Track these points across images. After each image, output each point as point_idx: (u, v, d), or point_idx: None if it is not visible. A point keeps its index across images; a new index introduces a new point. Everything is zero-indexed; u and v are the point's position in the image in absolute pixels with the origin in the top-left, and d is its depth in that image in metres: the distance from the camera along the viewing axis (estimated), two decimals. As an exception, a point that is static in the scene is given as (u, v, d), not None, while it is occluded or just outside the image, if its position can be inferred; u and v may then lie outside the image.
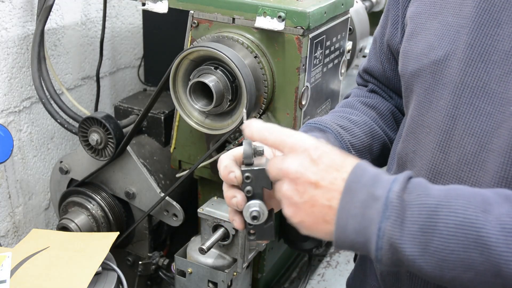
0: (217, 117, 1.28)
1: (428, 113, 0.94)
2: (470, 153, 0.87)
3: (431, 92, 0.94)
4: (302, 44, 1.22)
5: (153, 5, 1.34)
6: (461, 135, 0.88)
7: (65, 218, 1.48)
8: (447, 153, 0.91)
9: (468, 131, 0.87)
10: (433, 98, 0.93)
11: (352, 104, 1.19)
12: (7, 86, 1.53)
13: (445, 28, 0.93)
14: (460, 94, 0.88)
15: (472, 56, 0.87)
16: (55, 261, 1.21)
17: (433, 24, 0.95)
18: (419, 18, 0.99)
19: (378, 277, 1.10)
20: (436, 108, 0.92)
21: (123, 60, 1.99)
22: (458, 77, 0.89)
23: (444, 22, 0.93)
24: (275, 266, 1.71)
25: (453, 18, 0.92)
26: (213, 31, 1.29)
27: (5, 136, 1.34)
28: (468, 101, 0.88)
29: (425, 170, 0.95)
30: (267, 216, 0.82)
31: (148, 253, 1.57)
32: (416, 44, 0.98)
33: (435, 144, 0.92)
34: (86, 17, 1.77)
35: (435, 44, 0.93)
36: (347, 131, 1.10)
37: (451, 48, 0.90)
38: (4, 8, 1.47)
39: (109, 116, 1.41)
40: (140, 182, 1.47)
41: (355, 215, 0.72)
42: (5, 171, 1.58)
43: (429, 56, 0.94)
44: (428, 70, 0.94)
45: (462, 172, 0.89)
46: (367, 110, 1.18)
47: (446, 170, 0.91)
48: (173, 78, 1.26)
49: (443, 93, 0.91)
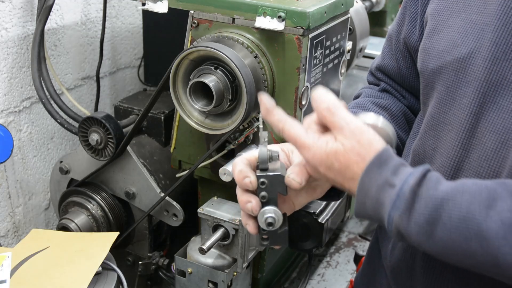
0: (217, 117, 1.28)
1: (450, 111, 0.95)
2: (491, 150, 0.88)
3: (454, 89, 0.94)
4: (302, 44, 1.22)
5: (153, 5, 1.34)
6: (484, 132, 0.89)
7: (65, 218, 1.48)
8: (469, 150, 0.92)
9: (491, 128, 0.88)
10: (456, 95, 0.93)
11: (364, 105, 1.18)
12: (7, 86, 1.53)
13: (469, 26, 0.93)
14: (485, 92, 0.89)
15: (497, 54, 0.87)
16: (55, 261, 1.21)
17: (456, 21, 0.95)
18: (441, 15, 0.98)
19: (388, 275, 1.10)
20: (459, 105, 0.93)
21: (123, 60, 1.99)
22: (482, 75, 0.89)
23: (468, 20, 0.93)
24: (275, 266, 1.71)
25: (477, 16, 0.92)
26: (213, 31, 1.29)
27: (5, 136, 1.34)
28: (492, 99, 0.88)
29: (446, 167, 0.95)
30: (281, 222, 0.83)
31: (148, 253, 1.57)
32: (438, 42, 0.98)
33: (457, 142, 0.93)
34: (86, 17, 1.77)
35: (458, 41, 0.93)
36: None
37: (475, 46, 0.91)
38: (4, 8, 1.47)
39: (109, 116, 1.41)
40: (140, 182, 1.47)
41: (371, 196, 0.78)
42: (5, 171, 1.58)
43: (452, 53, 0.94)
44: (451, 67, 0.94)
45: (482, 168, 0.90)
46: (378, 111, 1.17)
47: (467, 166, 0.92)
48: (173, 78, 1.26)
49: (466, 90, 0.91)
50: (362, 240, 2.11)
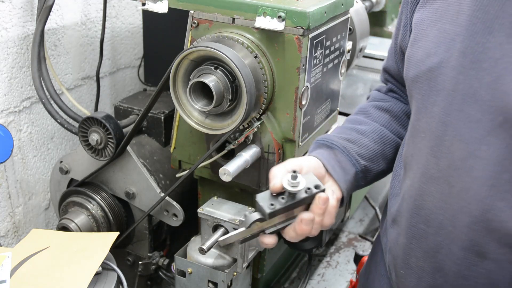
0: (217, 117, 1.28)
1: (423, 119, 0.96)
2: (459, 159, 0.89)
3: (426, 98, 0.95)
4: (302, 44, 1.22)
5: (153, 5, 1.34)
6: (451, 141, 0.90)
7: (65, 218, 1.48)
8: (438, 158, 0.93)
9: (458, 137, 0.89)
10: (428, 104, 0.95)
11: (366, 110, 1.23)
12: (7, 86, 1.53)
13: (442, 36, 0.94)
14: (452, 101, 0.90)
15: (464, 64, 0.88)
16: (55, 261, 1.21)
17: (432, 31, 0.96)
18: (422, 24, 1.00)
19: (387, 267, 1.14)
20: (430, 114, 0.94)
21: (123, 60, 1.99)
22: (450, 84, 0.90)
23: (442, 30, 0.94)
24: (275, 266, 1.71)
25: (450, 26, 0.93)
26: (213, 31, 1.29)
27: (5, 136, 1.34)
28: (458, 108, 0.89)
29: (419, 174, 0.97)
30: None
31: (148, 253, 1.57)
32: (416, 51, 0.99)
33: (428, 149, 0.94)
34: (86, 17, 1.77)
35: (432, 51, 0.95)
36: (355, 144, 1.14)
37: (445, 56, 0.92)
38: (4, 8, 1.47)
39: (109, 116, 1.41)
40: (140, 182, 1.47)
41: None
42: (5, 171, 1.58)
43: (426, 63, 0.95)
44: (424, 76, 0.96)
45: (452, 177, 0.90)
46: (380, 115, 1.20)
47: (437, 175, 0.93)
48: (173, 78, 1.26)
49: (436, 99, 0.93)
50: (362, 240, 2.11)
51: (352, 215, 2.21)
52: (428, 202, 0.96)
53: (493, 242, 0.87)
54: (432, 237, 0.96)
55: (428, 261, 0.97)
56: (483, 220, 0.87)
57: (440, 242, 0.94)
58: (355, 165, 1.11)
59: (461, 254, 0.91)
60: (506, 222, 0.84)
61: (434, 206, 0.94)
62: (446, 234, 0.93)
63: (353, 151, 1.12)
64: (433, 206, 0.94)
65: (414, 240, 0.99)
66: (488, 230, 0.87)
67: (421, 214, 0.97)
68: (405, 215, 1.02)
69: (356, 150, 1.13)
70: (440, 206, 0.93)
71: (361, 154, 1.13)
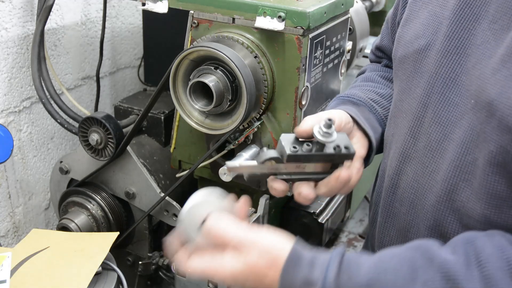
0: (217, 117, 1.28)
1: (406, 100, 0.98)
2: (435, 141, 0.90)
3: (411, 79, 0.97)
4: (302, 44, 1.22)
5: (153, 5, 1.34)
6: (430, 123, 0.91)
7: (65, 218, 1.48)
8: (416, 139, 0.94)
9: (436, 119, 0.90)
10: (412, 85, 0.96)
11: (373, 78, 1.21)
12: (7, 86, 1.53)
13: (431, 18, 0.95)
14: (433, 83, 0.91)
15: (448, 48, 0.89)
16: (55, 261, 1.21)
17: (423, 13, 0.98)
18: (415, 5, 1.01)
19: None
20: (413, 95, 0.96)
21: (123, 60, 1.99)
22: (433, 67, 0.91)
23: (432, 12, 0.96)
24: (275, 266, 1.71)
25: (439, 9, 0.94)
26: (213, 31, 1.29)
27: (5, 136, 1.34)
28: (439, 91, 0.90)
29: (397, 153, 0.99)
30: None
31: (148, 253, 1.57)
32: (406, 31, 1.01)
33: (407, 130, 0.96)
34: (86, 17, 1.77)
35: (420, 33, 0.96)
36: (378, 104, 1.12)
37: (432, 39, 0.93)
38: (4, 8, 1.47)
39: (109, 116, 1.41)
40: (140, 182, 1.47)
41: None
42: (5, 171, 1.58)
43: (414, 44, 0.97)
44: (411, 58, 0.97)
45: (426, 158, 0.92)
46: (388, 84, 1.20)
47: (414, 155, 0.95)
48: (173, 78, 1.26)
49: (420, 81, 0.94)
50: (362, 240, 2.11)
51: (352, 215, 2.21)
52: (403, 181, 0.97)
53: (454, 222, 0.88)
54: (403, 216, 0.97)
55: (400, 240, 0.99)
56: (447, 200, 0.88)
57: (410, 221, 0.96)
58: (381, 125, 1.10)
59: (427, 233, 0.92)
60: (467, 203, 0.85)
61: (407, 185, 0.96)
62: (415, 213, 0.95)
63: (379, 111, 1.11)
64: (407, 185, 0.96)
65: (389, 219, 1.01)
66: (450, 210, 0.88)
67: (397, 193, 0.99)
68: (383, 194, 1.03)
69: (380, 111, 1.11)
70: (412, 186, 0.95)
71: (386, 116, 1.11)
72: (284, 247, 0.80)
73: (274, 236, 0.82)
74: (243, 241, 0.80)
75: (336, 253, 0.78)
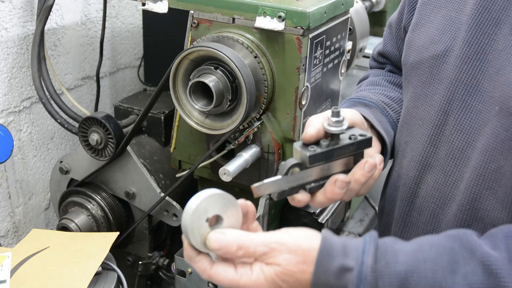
0: (217, 117, 1.28)
1: (422, 106, 0.96)
2: (458, 149, 0.89)
3: (427, 86, 0.95)
4: (302, 44, 1.22)
5: (153, 5, 1.34)
6: (451, 130, 0.90)
7: (65, 218, 1.48)
8: (437, 147, 0.93)
9: (458, 127, 0.89)
10: (428, 92, 0.94)
11: (379, 82, 1.19)
12: (7, 86, 1.53)
13: (447, 23, 0.93)
14: (454, 90, 0.89)
15: (468, 54, 0.88)
16: (55, 261, 1.21)
17: (437, 17, 0.96)
18: (426, 9, 0.99)
19: None
20: (431, 102, 0.94)
21: (123, 60, 1.99)
22: (453, 73, 0.90)
23: (447, 17, 0.94)
24: (275, 266, 1.71)
25: (455, 14, 0.92)
26: (213, 31, 1.29)
27: (5, 136, 1.34)
28: (460, 98, 0.89)
29: (415, 162, 0.96)
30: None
31: (148, 253, 1.57)
32: (419, 36, 0.98)
33: (427, 138, 0.94)
34: (86, 17, 1.77)
35: (436, 38, 0.94)
36: (390, 108, 1.10)
37: (450, 44, 0.91)
38: (4, 8, 1.47)
39: (109, 116, 1.41)
40: (140, 182, 1.47)
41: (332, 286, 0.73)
42: (5, 171, 1.58)
43: (429, 49, 0.95)
44: (427, 63, 0.95)
45: (448, 167, 0.91)
46: (396, 88, 1.18)
47: (435, 163, 0.93)
48: (173, 78, 1.26)
49: (438, 88, 0.92)
50: (362, 240, 2.11)
51: (352, 215, 2.21)
52: (422, 191, 0.96)
53: (478, 231, 0.87)
54: (423, 226, 0.96)
55: None
56: (470, 208, 0.87)
57: (430, 231, 0.95)
58: (393, 128, 1.08)
59: None
60: (491, 211, 0.84)
61: (427, 194, 0.95)
62: (436, 222, 0.93)
63: (392, 113, 1.09)
64: (427, 194, 0.95)
65: (406, 228, 1.00)
66: (474, 219, 0.87)
67: (415, 202, 0.97)
68: (398, 203, 1.01)
69: (391, 114, 1.10)
70: (433, 195, 0.94)
71: (398, 119, 1.10)
72: (312, 238, 0.76)
73: (296, 232, 0.78)
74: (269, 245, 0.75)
75: (370, 238, 0.76)
